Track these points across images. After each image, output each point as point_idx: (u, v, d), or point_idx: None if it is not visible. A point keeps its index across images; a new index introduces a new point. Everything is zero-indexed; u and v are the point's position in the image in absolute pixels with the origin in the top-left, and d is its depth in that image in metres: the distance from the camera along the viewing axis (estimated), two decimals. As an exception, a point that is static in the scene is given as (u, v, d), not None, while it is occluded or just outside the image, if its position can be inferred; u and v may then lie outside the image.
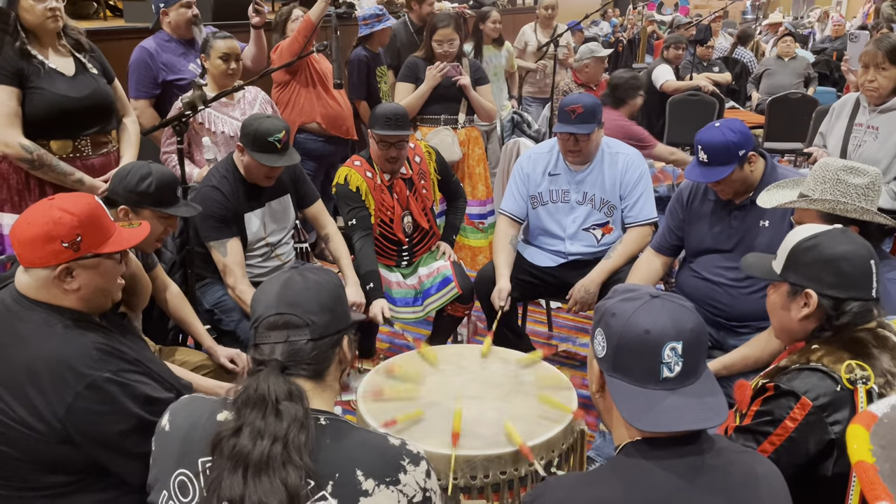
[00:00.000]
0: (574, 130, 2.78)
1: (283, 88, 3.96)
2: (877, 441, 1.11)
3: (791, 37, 7.02)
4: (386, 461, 1.15)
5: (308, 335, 1.20)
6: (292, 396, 1.14)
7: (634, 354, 1.18)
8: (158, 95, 3.33)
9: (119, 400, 1.46)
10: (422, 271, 3.06)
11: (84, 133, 2.59)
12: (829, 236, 1.53)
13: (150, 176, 2.07)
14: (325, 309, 1.22)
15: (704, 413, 1.17)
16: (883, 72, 2.88)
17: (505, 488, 1.73)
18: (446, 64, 3.75)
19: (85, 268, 1.52)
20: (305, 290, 1.22)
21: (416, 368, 2.10)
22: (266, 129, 2.53)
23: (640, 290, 1.25)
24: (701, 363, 1.22)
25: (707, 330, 1.27)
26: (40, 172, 2.49)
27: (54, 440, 1.43)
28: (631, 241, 2.87)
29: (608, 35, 8.23)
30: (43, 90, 2.47)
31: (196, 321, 2.40)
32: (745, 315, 2.36)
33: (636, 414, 1.16)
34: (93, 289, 1.54)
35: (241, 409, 1.14)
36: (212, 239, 2.60)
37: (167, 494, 1.18)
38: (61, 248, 1.48)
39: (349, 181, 2.93)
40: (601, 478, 1.20)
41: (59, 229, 1.47)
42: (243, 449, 1.10)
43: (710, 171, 2.32)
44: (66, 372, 1.43)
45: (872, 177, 1.93)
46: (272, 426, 1.11)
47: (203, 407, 1.23)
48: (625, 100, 4.05)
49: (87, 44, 2.66)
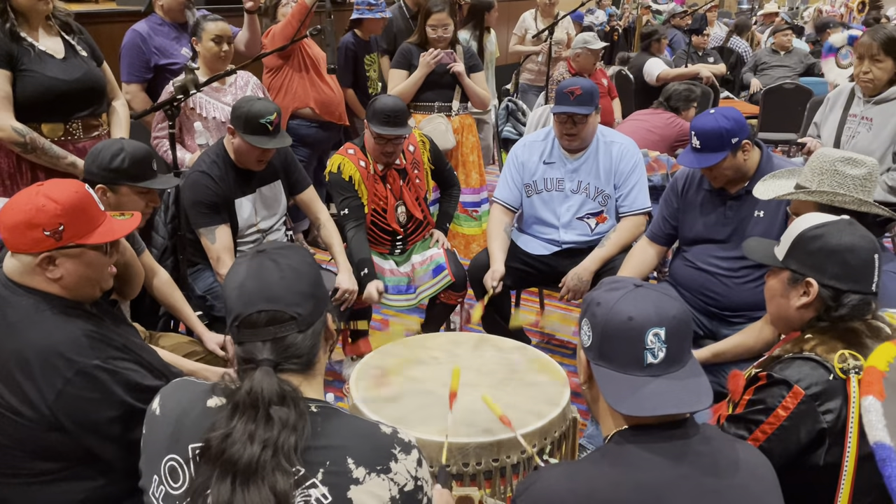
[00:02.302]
0: (573, 110, 2.77)
1: (276, 73, 3.93)
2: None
3: (791, 29, 7.00)
4: (377, 449, 1.14)
5: (296, 328, 1.15)
6: (285, 400, 1.10)
7: (618, 341, 1.20)
8: (150, 80, 3.30)
9: (108, 387, 1.46)
10: (415, 259, 3.05)
11: (75, 116, 2.56)
12: (836, 227, 1.53)
13: (123, 151, 2.04)
14: (307, 297, 1.17)
15: (688, 397, 1.18)
16: (878, 63, 2.88)
17: (497, 476, 1.73)
18: (440, 51, 3.73)
19: (68, 257, 1.49)
20: (282, 280, 1.15)
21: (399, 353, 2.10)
22: (257, 110, 2.50)
23: (625, 280, 1.28)
24: (686, 351, 1.23)
25: (692, 318, 1.29)
26: (33, 156, 2.46)
27: (44, 427, 1.43)
28: (624, 229, 2.87)
29: (603, 24, 8.18)
30: (34, 73, 2.43)
31: (186, 307, 2.38)
32: (738, 305, 2.36)
33: (620, 398, 1.18)
34: (77, 278, 1.51)
35: (231, 413, 1.10)
36: (200, 226, 2.58)
37: (158, 479, 1.17)
38: (43, 237, 1.45)
39: (342, 170, 2.91)
40: (591, 466, 1.21)
41: (41, 217, 1.44)
42: (233, 456, 1.07)
43: (702, 156, 2.31)
44: (55, 359, 1.42)
45: (870, 168, 1.92)
46: (262, 432, 1.07)
47: (194, 391, 1.22)
48: (679, 109, 4.15)
49: (75, 26, 2.63)
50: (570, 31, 5.98)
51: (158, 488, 1.17)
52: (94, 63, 2.65)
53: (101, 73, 2.67)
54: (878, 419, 1.03)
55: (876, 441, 1.00)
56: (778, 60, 6.78)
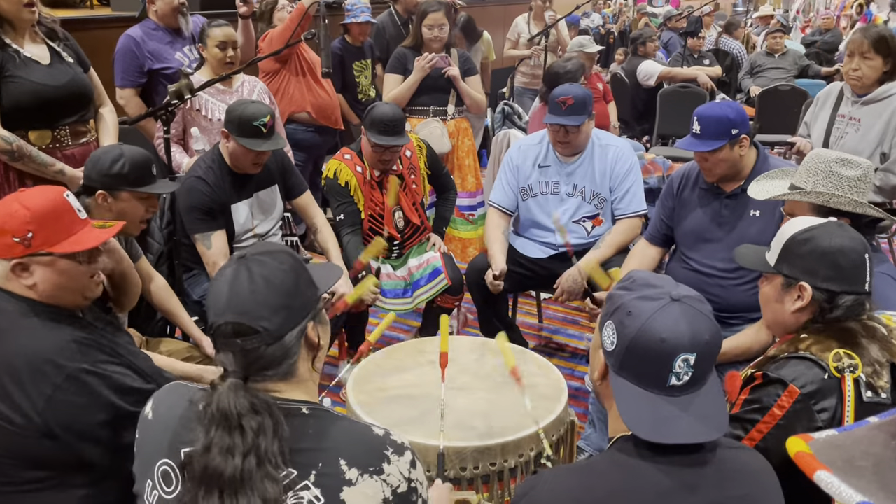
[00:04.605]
0: (564, 122, 2.78)
1: (273, 77, 3.93)
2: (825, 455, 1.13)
3: (781, 32, 7.02)
4: (369, 451, 1.13)
5: (261, 342, 1.12)
6: (256, 410, 1.09)
7: (645, 359, 1.15)
8: (145, 84, 3.30)
9: (98, 391, 1.45)
10: (412, 263, 3.04)
11: (63, 122, 2.54)
12: (825, 229, 1.53)
13: (123, 157, 2.04)
14: (276, 309, 1.13)
15: (705, 430, 1.15)
16: (867, 61, 2.88)
17: (494, 480, 1.73)
18: (434, 55, 3.73)
19: (40, 265, 1.48)
20: (252, 293, 1.12)
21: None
22: (251, 113, 2.50)
23: (662, 287, 1.20)
24: (709, 371, 1.20)
25: (722, 336, 1.24)
26: (20, 164, 2.44)
27: (33, 434, 1.41)
28: (620, 231, 2.87)
29: (597, 28, 8.21)
30: (19, 79, 2.41)
31: (183, 312, 2.37)
32: (735, 306, 2.35)
33: (638, 422, 1.15)
34: (51, 286, 1.50)
35: (207, 427, 1.09)
36: (196, 231, 2.58)
37: (151, 484, 1.17)
38: (12, 243, 1.45)
39: (339, 175, 2.90)
40: (594, 471, 1.19)
41: (11, 223, 1.44)
42: (216, 469, 1.05)
43: (700, 142, 2.31)
44: (44, 365, 1.41)
45: (865, 169, 1.92)
46: (238, 443, 1.06)
47: (186, 395, 1.21)
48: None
49: (61, 33, 2.61)
50: (563, 31, 5.98)
51: (152, 493, 1.17)
52: (81, 69, 2.63)
53: (88, 79, 2.65)
54: (841, 486, 1.04)
55: (857, 503, 1.01)
56: (773, 63, 6.81)
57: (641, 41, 6.14)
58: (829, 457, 1.11)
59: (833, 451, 1.14)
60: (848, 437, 1.20)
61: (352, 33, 4.41)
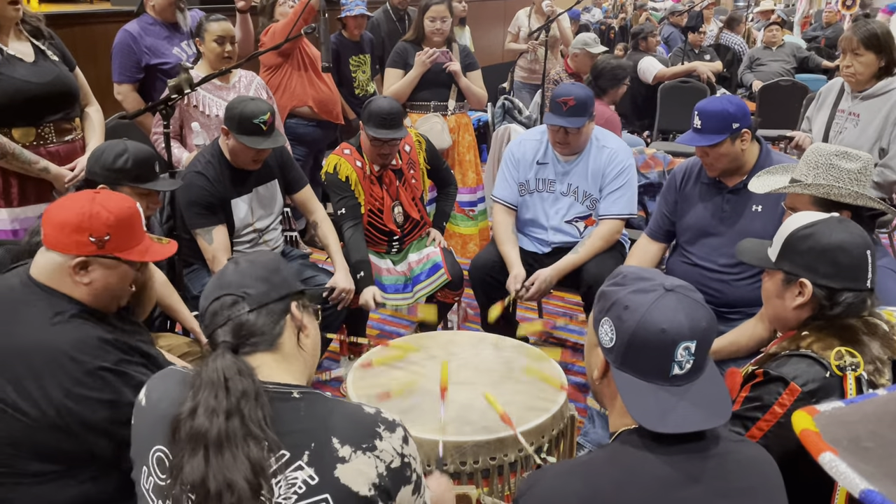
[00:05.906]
0: (565, 124, 2.75)
1: (275, 72, 3.92)
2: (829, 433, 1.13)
3: (778, 25, 7.00)
4: (361, 428, 1.15)
5: (246, 307, 1.20)
6: (241, 373, 1.14)
7: (647, 351, 1.16)
8: (142, 79, 3.29)
9: (117, 388, 1.47)
10: (412, 258, 3.04)
11: (47, 119, 2.50)
12: (826, 225, 1.51)
13: (126, 152, 2.05)
14: (258, 279, 1.23)
15: (711, 416, 1.16)
16: (858, 57, 2.88)
17: (495, 474, 1.73)
18: (435, 50, 3.72)
19: (102, 266, 1.54)
20: (236, 273, 1.24)
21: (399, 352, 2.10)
22: (251, 111, 2.49)
23: (653, 279, 1.20)
24: (708, 357, 1.21)
25: (717, 324, 1.25)
26: (3, 162, 2.41)
27: (45, 426, 1.43)
28: (599, 236, 2.82)
29: (598, 22, 8.19)
30: (3, 76, 2.38)
31: (183, 307, 2.37)
32: (736, 301, 2.35)
33: (646, 415, 1.15)
34: (103, 286, 1.55)
35: (195, 392, 1.14)
36: (197, 226, 2.57)
37: (147, 471, 1.18)
38: (87, 241, 1.50)
39: (339, 170, 2.90)
40: (597, 466, 1.19)
41: (92, 223, 1.50)
42: (200, 428, 1.09)
43: (701, 136, 2.31)
44: (63, 359, 1.44)
45: (865, 161, 1.92)
46: (223, 402, 1.11)
47: (177, 380, 1.23)
48: (606, 90, 4.00)
49: (46, 31, 2.58)
50: (565, 26, 5.96)
51: (148, 480, 1.18)
52: (66, 68, 2.60)
53: (73, 77, 2.62)
54: (846, 470, 1.03)
55: (861, 490, 0.99)
56: (771, 56, 6.80)
57: (643, 36, 6.12)
58: (834, 435, 1.10)
59: (839, 428, 1.12)
60: (855, 412, 1.18)
61: (348, 28, 4.40)
